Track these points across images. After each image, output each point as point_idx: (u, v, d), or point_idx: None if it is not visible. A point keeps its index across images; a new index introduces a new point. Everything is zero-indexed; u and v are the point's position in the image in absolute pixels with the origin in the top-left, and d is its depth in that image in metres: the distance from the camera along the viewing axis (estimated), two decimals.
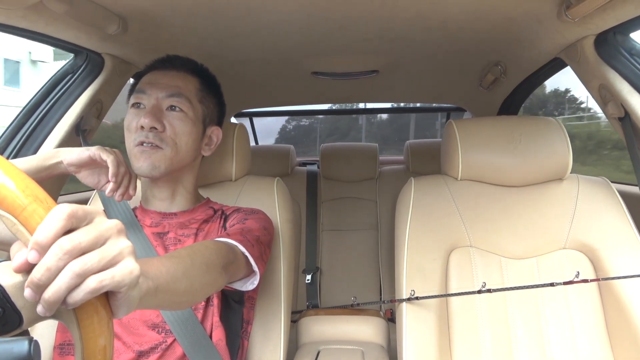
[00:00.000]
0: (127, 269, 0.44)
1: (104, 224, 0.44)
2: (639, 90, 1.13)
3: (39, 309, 0.41)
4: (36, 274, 0.40)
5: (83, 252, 0.41)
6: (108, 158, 0.90)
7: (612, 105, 1.20)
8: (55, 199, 0.44)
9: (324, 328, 1.34)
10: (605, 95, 1.22)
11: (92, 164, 0.93)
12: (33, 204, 0.41)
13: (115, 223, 0.45)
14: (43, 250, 0.40)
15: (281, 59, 1.56)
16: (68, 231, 0.41)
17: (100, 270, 0.42)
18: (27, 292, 0.40)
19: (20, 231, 0.41)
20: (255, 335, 1.07)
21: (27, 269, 0.41)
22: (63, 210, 0.41)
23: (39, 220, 0.41)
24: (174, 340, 0.87)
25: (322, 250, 2.13)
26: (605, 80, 1.17)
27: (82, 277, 0.41)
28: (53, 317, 0.43)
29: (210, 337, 0.91)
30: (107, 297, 0.44)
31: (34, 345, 0.39)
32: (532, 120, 1.22)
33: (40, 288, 0.40)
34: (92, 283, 0.41)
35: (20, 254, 0.41)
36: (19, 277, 0.42)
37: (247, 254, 0.85)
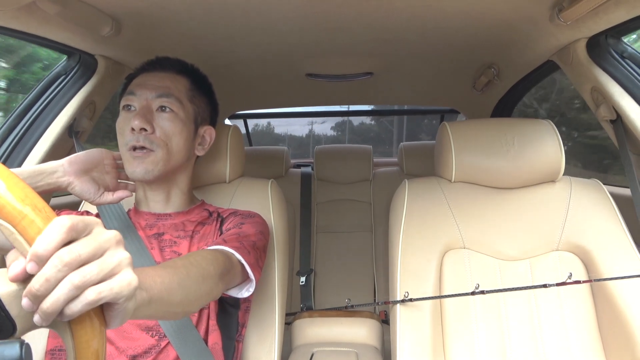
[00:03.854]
0: (126, 280, 0.44)
1: (103, 235, 0.44)
2: (630, 93, 1.14)
3: (36, 318, 0.41)
4: (35, 285, 0.40)
5: (82, 263, 0.41)
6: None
7: (604, 108, 1.21)
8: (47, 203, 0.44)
9: (318, 330, 1.34)
10: (597, 97, 1.22)
11: (98, 164, 0.94)
12: (31, 213, 0.41)
13: (114, 234, 0.45)
14: (42, 262, 0.40)
15: (275, 60, 1.56)
16: (67, 242, 0.41)
17: (99, 281, 0.42)
18: (25, 302, 0.40)
19: (18, 240, 0.41)
20: (249, 337, 1.06)
21: (23, 278, 0.41)
22: (63, 223, 0.41)
23: (37, 230, 0.40)
24: (168, 343, 0.87)
25: (317, 252, 2.13)
26: (597, 82, 1.18)
27: (80, 289, 0.41)
28: (47, 326, 0.43)
29: (207, 340, 0.91)
30: (101, 308, 0.44)
31: (26, 348, 0.39)
32: (525, 123, 1.23)
33: (38, 299, 0.40)
34: (91, 295, 0.41)
35: (17, 264, 0.41)
36: (14, 286, 0.42)
37: (243, 261, 0.85)
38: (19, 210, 0.41)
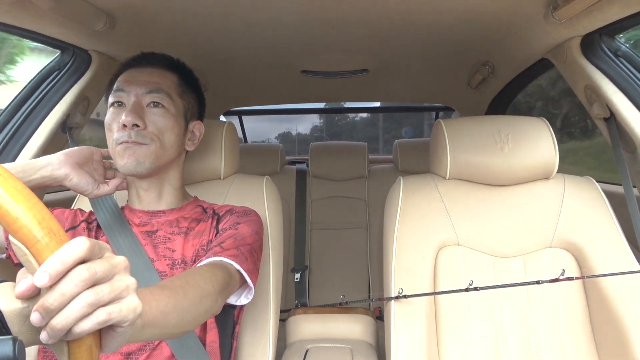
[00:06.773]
0: (133, 304, 0.45)
1: (114, 259, 0.45)
2: (623, 91, 1.15)
3: (43, 335, 0.41)
4: (49, 299, 0.40)
5: (96, 283, 0.42)
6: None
7: (597, 106, 1.21)
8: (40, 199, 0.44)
9: (312, 326, 1.34)
10: (590, 95, 1.23)
11: (89, 160, 0.95)
12: (47, 237, 0.41)
13: (123, 259, 0.46)
14: (57, 276, 0.40)
15: (270, 57, 1.55)
16: (81, 262, 0.42)
17: (108, 302, 0.43)
18: (35, 317, 0.40)
19: (29, 262, 0.41)
20: (243, 334, 1.06)
21: (31, 295, 0.42)
22: (83, 243, 0.42)
23: (50, 254, 0.41)
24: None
25: (311, 249, 2.13)
26: (591, 81, 1.19)
27: (92, 307, 0.41)
28: (46, 344, 0.43)
29: (204, 338, 0.91)
30: (99, 331, 0.45)
31: (19, 345, 0.39)
32: (519, 120, 1.23)
33: (50, 313, 0.40)
34: (102, 315, 0.42)
35: (26, 281, 0.42)
36: (17, 304, 0.43)
37: (242, 270, 0.84)
38: (35, 232, 0.41)
